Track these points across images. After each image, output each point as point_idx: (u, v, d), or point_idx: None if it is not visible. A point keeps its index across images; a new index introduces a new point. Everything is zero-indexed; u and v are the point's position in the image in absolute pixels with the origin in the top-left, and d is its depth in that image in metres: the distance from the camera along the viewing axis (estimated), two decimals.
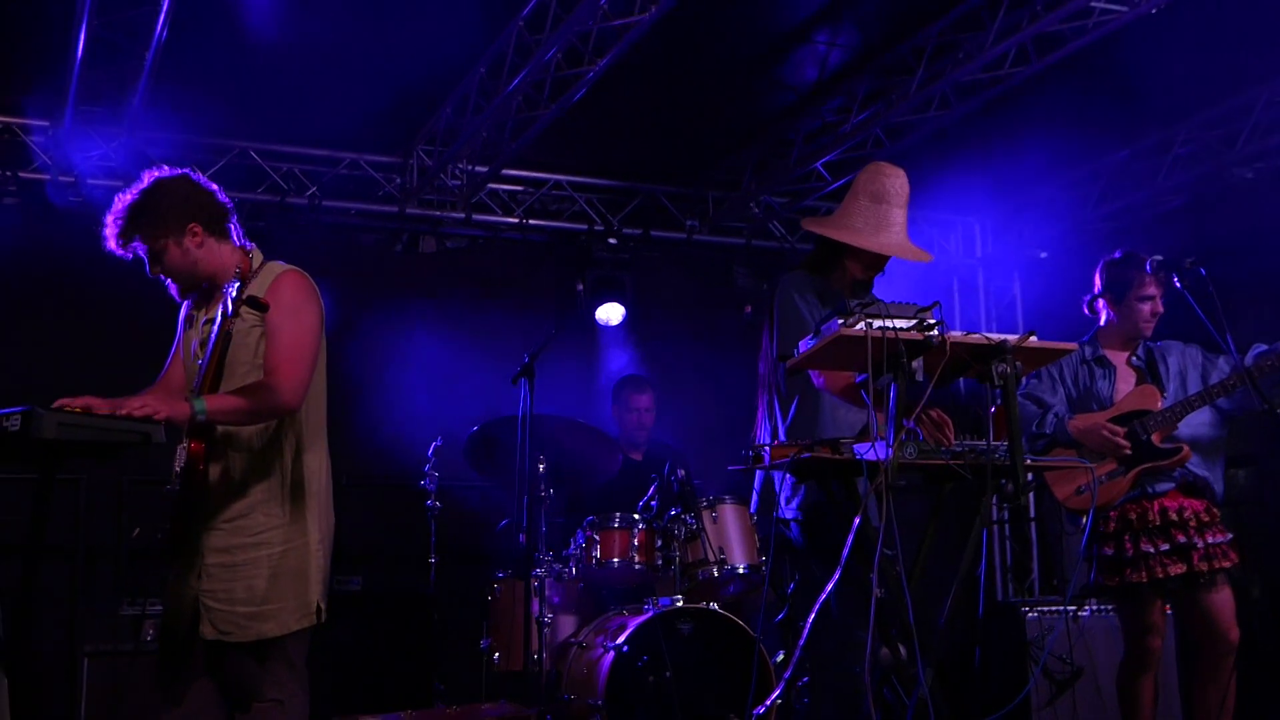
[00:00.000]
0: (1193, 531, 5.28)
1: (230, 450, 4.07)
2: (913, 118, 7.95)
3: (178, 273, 4.17)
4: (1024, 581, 9.91)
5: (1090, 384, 5.52)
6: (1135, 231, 9.18)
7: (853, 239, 4.66)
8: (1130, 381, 5.52)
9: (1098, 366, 5.54)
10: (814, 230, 4.84)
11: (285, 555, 4.07)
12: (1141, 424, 5.34)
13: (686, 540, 6.57)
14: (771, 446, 4.09)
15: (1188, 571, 5.24)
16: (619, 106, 7.84)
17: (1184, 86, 7.93)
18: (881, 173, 4.73)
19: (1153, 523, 5.31)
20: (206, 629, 3.99)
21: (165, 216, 4.10)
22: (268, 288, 4.11)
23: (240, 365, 4.09)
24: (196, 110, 7.82)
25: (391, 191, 8.76)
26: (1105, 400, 5.48)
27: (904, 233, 4.71)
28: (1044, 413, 5.50)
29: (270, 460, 4.11)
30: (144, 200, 4.12)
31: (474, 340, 8.54)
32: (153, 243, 4.11)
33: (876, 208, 4.67)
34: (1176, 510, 5.32)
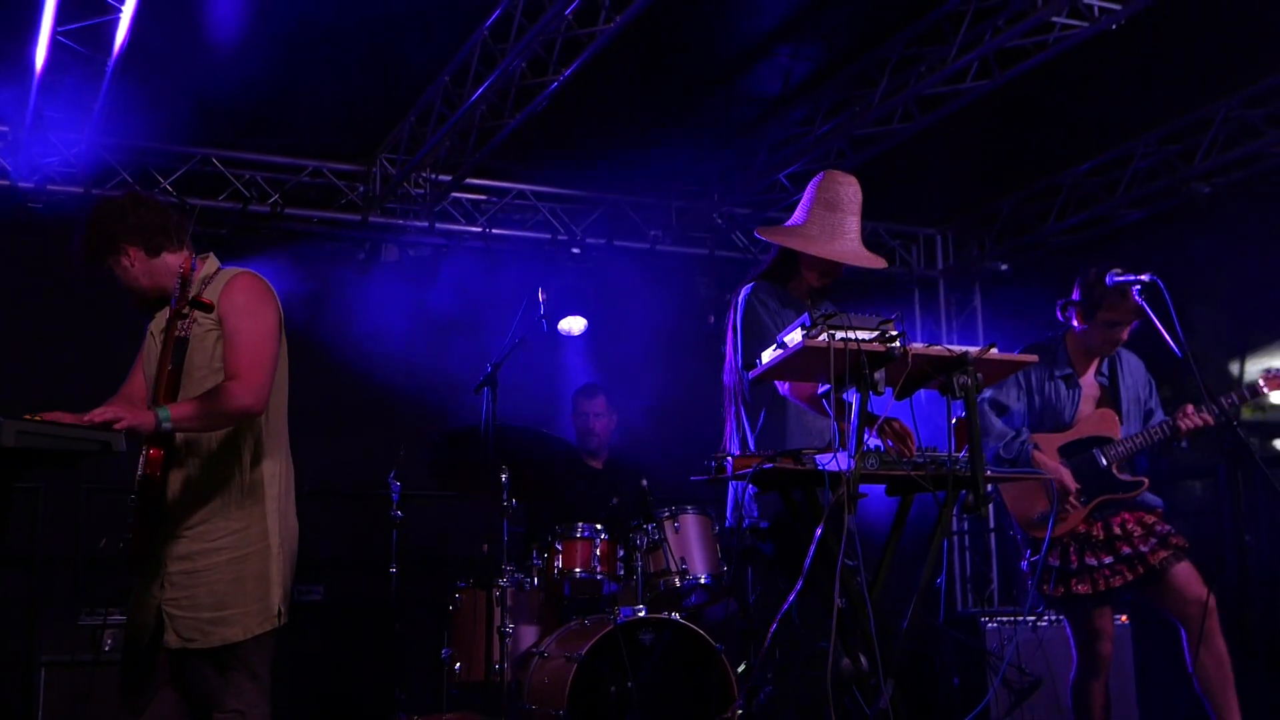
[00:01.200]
0: (1137, 540, 5.33)
1: (189, 457, 4.07)
2: (876, 130, 7.99)
3: (131, 290, 4.23)
4: (984, 592, 9.96)
5: (1055, 400, 5.55)
6: (1095, 245, 9.26)
7: (808, 247, 4.69)
8: (1093, 402, 5.56)
9: (1065, 386, 5.57)
10: (769, 239, 4.87)
11: (245, 560, 4.06)
12: (1102, 452, 5.39)
13: (648, 550, 6.57)
14: (735, 457, 4.10)
15: (1143, 574, 5.29)
16: (583, 116, 7.84)
17: (1143, 101, 8.01)
18: (835, 181, 4.77)
19: (1096, 538, 5.36)
20: (171, 638, 3.98)
21: (101, 240, 4.17)
22: (221, 290, 4.11)
23: (198, 369, 4.08)
24: (158, 117, 7.78)
25: (354, 200, 8.74)
26: (1065, 421, 5.52)
27: (858, 240, 4.75)
28: (1014, 435, 5.52)
29: (229, 465, 4.10)
30: (89, 226, 4.19)
31: (436, 349, 8.52)
32: (102, 264, 4.18)
33: (831, 215, 4.71)
34: (1120, 524, 5.38)
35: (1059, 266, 9.66)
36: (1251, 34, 7.19)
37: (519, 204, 9.24)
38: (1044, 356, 5.63)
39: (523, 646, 6.67)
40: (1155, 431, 5.37)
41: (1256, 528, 7.19)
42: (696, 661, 6.21)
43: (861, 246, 4.77)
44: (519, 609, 6.68)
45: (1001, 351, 4.12)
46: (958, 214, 10.16)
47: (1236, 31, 7.13)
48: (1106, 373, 5.62)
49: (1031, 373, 5.60)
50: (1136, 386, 5.62)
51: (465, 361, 7.72)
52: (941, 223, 10.37)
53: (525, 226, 9.26)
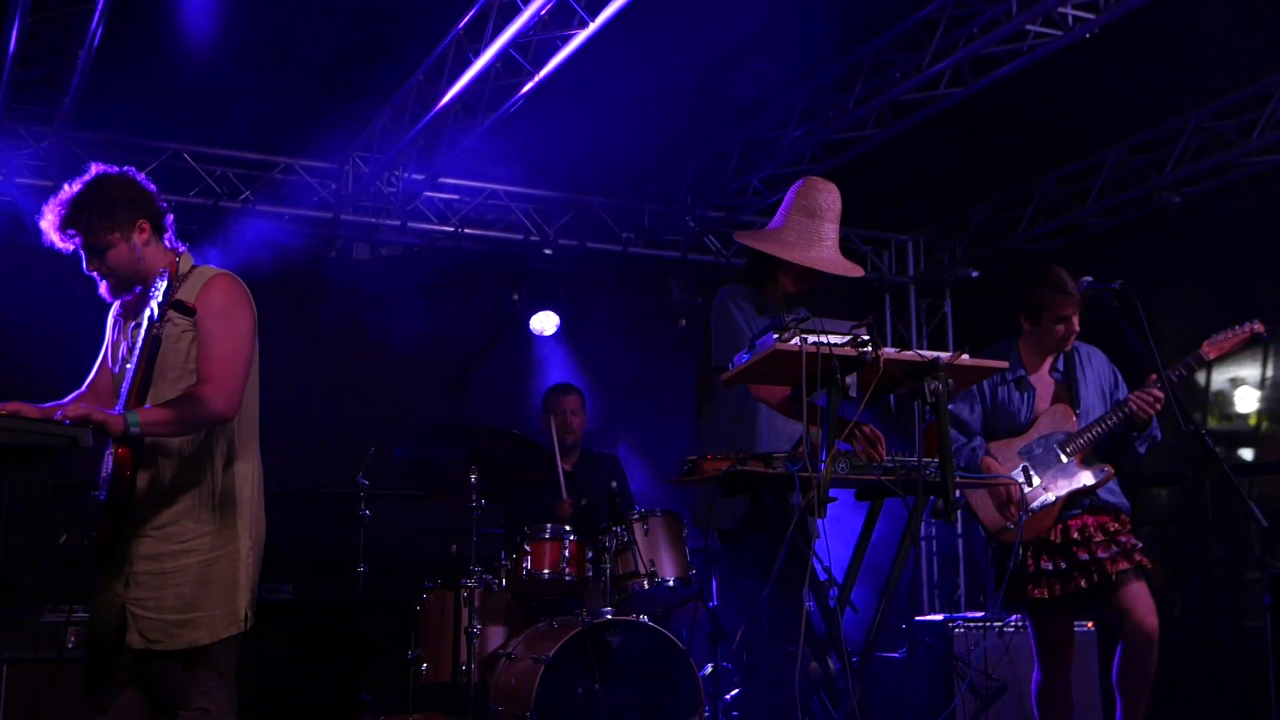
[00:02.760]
0: (1096, 547, 5.34)
1: (159, 457, 4.02)
2: (849, 135, 8.02)
3: (119, 270, 4.11)
4: (951, 597, 10.00)
5: (1008, 404, 5.55)
6: (1065, 253, 9.31)
7: (785, 253, 4.71)
8: (1048, 399, 5.56)
9: (1017, 390, 5.55)
10: (747, 244, 4.89)
11: (214, 563, 4.03)
12: (1063, 447, 5.41)
13: (617, 552, 6.56)
14: (705, 460, 4.10)
15: (1098, 582, 5.31)
16: (556, 118, 7.84)
17: (1115, 111, 8.06)
18: (815, 188, 4.79)
19: (1054, 542, 5.37)
20: (134, 638, 3.94)
21: (117, 211, 4.06)
22: (198, 292, 4.06)
23: (170, 370, 4.04)
24: (129, 111, 7.74)
25: (326, 198, 8.70)
26: (1022, 423, 5.52)
27: (836, 247, 4.77)
28: (965, 444, 5.50)
29: (200, 467, 4.06)
30: (94, 193, 4.07)
31: (408, 348, 8.50)
32: (100, 237, 4.05)
33: (809, 223, 4.72)
34: (1079, 529, 5.38)
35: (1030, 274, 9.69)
36: (1223, 46, 7.25)
37: (492, 204, 9.23)
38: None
39: (490, 647, 6.65)
40: (1110, 417, 5.37)
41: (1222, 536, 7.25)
42: (664, 664, 6.21)
43: (839, 254, 4.79)
44: (487, 610, 6.67)
45: (972, 357, 4.14)
46: (929, 221, 10.21)
47: (1208, 43, 7.18)
48: (1062, 369, 5.62)
49: (985, 381, 5.57)
50: (1099, 378, 5.60)
51: (436, 361, 7.71)
52: (913, 229, 10.41)
53: (498, 227, 9.24)
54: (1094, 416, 5.46)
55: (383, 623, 7.44)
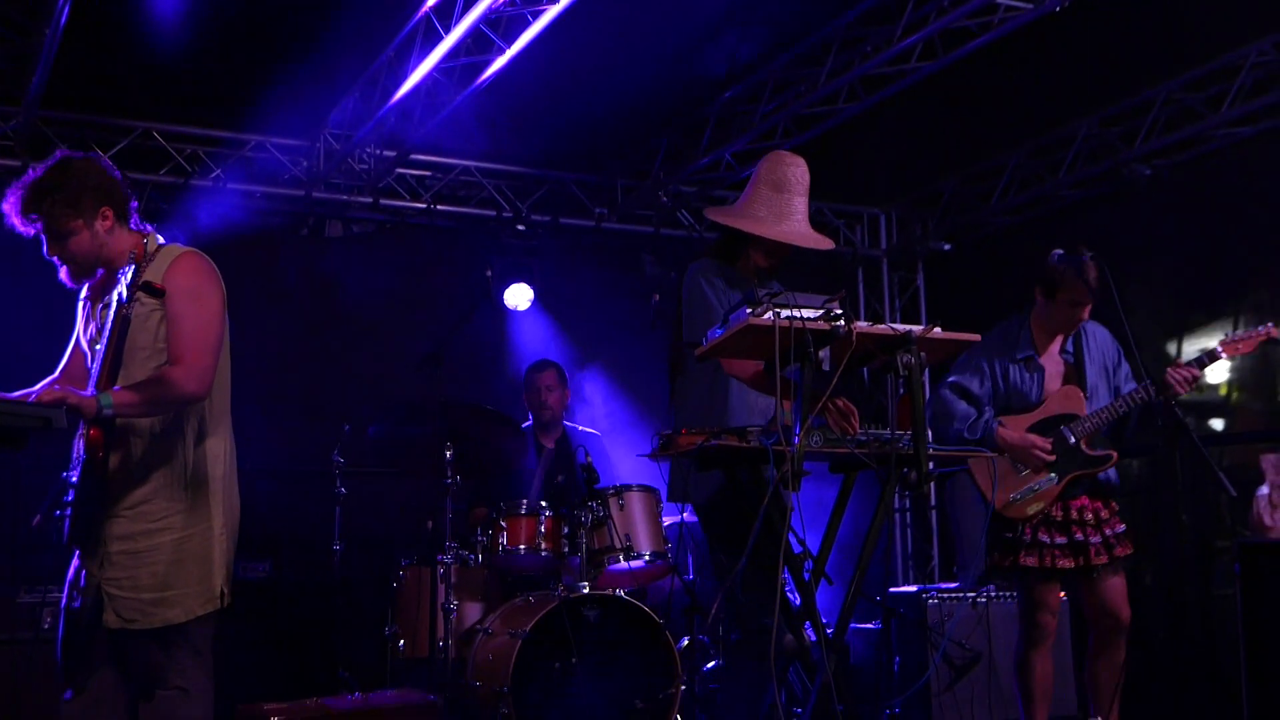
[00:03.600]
0: (1090, 529, 5.41)
1: (130, 436, 4.03)
2: (821, 109, 8.02)
3: (80, 256, 4.10)
4: (925, 569, 10.06)
5: (1019, 384, 5.60)
6: (1036, 226, 9.36)
7: (755, 228, 4.72)
8: (1058, 379, 5.61)
9: (1028, 370, 5.60)
10: (717, 220, 4.90)
11: (187, 541, 4.05)
12: (1070, 429, 5.45)
13: (593, 527, 6.58)
14: (680, 434, 4.12)
15: (1083, 565, 5.38)
16: (528, 93, 7.81)
17: (1085, 84, 8.08)
18: (782, 162, 4.80)
19: (1054, 518, 5.43)
20: (110, 617, 3.95)
21: (80, 196, 4.04)
22: (165, 271, 4.05)
23: (140, 350, 4.04)
24: (98, 90, 7.69)
25: (298, 175, 8.66)
26: (1031, 402, 5.57)
27: (806, 220, 4.78)
28: (977, 416, 5.55)
29: (171, 446, 4.07)
30: (57, 177, 4.04)
31: (381, 326, 8.49)
32: (62, 223, 4.03)
33: (778, 196, 4.74)
34: (1078, 509, 5.45)
35: (1001, 247, 9.75)
36: (1192, 18, 7.28)
37: (464, 180, 9.20)
38: (1005, 340, 5.67)
39: (467, 623, 6.67)
40: (1120, 404, 5.42)
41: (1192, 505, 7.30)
42: (640, 638, 6.24)
43: (809, 227, 4.80)
44: (463, 586, 6.69)
45: (944, 331, 4.16)
46: (901, 194, 10.23)
47: (1177, 16, 7.21)
48: (1071, 349, 5.67)
49: (995, 359, 5.62)
50: (1104, 359, 5.65)
51: (410, 338, 7.71)
52: (885, 202, 10.43)
53: (470, 203, 9.22)
54: (1098, 397, 5.53)
55: (359, 600, 7.45)
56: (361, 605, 7.44)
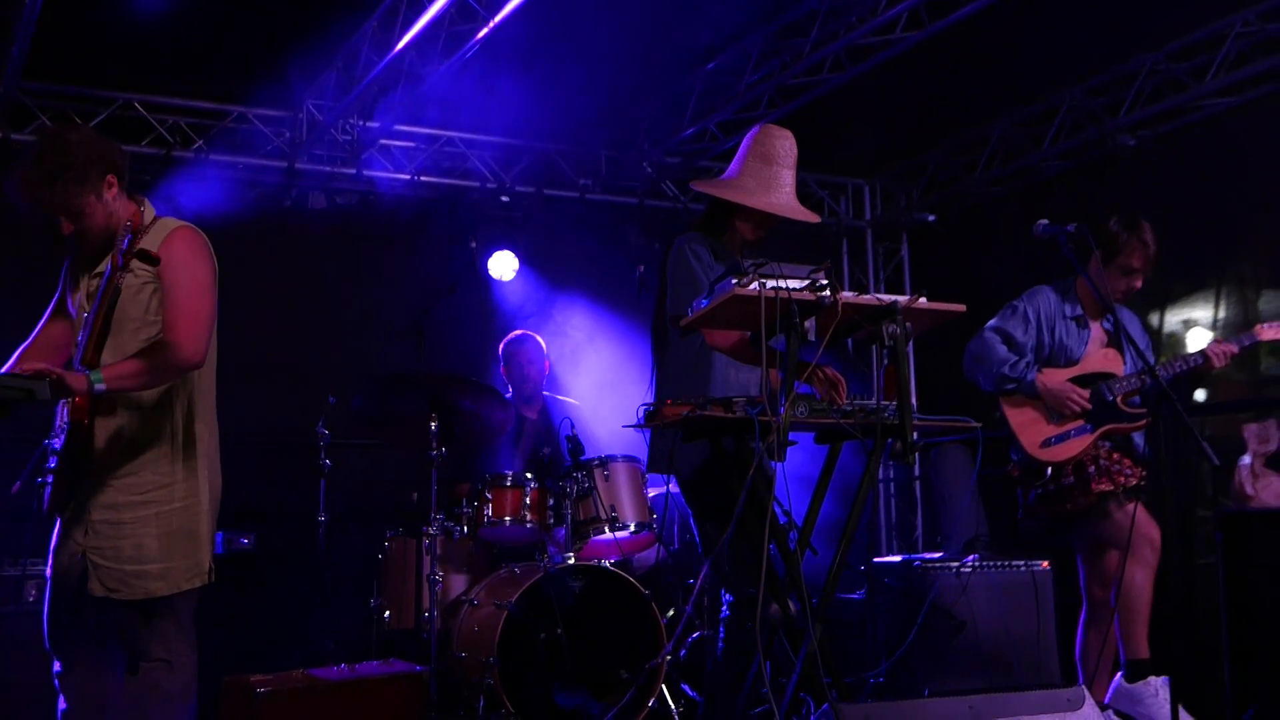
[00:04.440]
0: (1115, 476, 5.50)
1: (119, 408, 4.03)
2: (806, 79, 8.00)
3: (94, 231, 4.08)
4: (909, 538, 10.10)
5: (1065, 338, 5.72)
6: (1021, 196, 9.36)
7: (744, 199, 4.72)
8: (1100, 343, 5.74)
9: (1078, 326, 5.73)
10: (704, 191, 4.90)
11: (175, 514, 4.06)
12: (1108, 386, 5.53)
13: (578, 498, 6.59)
14: (666, 405, 4.12)
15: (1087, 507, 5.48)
16: (512, 64, 7.78)
17: (1070, 54, 8.07)
18: (771, 134, 4.80)
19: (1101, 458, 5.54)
20: (94, 585, 3.97)
21: (86, 171, 4.01)
22: (160, 243, 4.05)
23: (130, 321, 4.04)
24: (79, 61, 7.63)
25: (280, 146, 8.61)
26: (1073, 358, 5.70)
27: (793, 193, 4.79)
28: (1019, 359, 5.67)
29: (161, 419, 4.08)
30: (62, 157, 3.99)
31: (366, 297, 8.46)
32: (76, 202, 4.00)
33: (766, 169, 4.74)
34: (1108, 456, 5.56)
35: (985, 217, 9.75)
36: None
37: (448, 151, 9.16)
38: (1057, 295, 5.80)
39: (452, 594, 6.68)
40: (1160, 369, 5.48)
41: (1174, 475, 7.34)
42: (625, 608, 6.26)
43: (796, 200, 4.80)
44: (448, 557, 6.70)
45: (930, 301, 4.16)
46: (886, 165, 10.22)
47: None
48: (1111, 321, 5.75)
49: (1042, 309, 5.75)
50: (1135, 335, 5.75)
51: (394, 309, 7.68)
52: (870, 173, 10.43)
53: (454, 174, 9.18)
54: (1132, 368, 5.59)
55: (344, 572, 7.44)
56: (347, 577, 7.43)
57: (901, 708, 3.96)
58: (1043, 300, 5.76)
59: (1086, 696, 4.18)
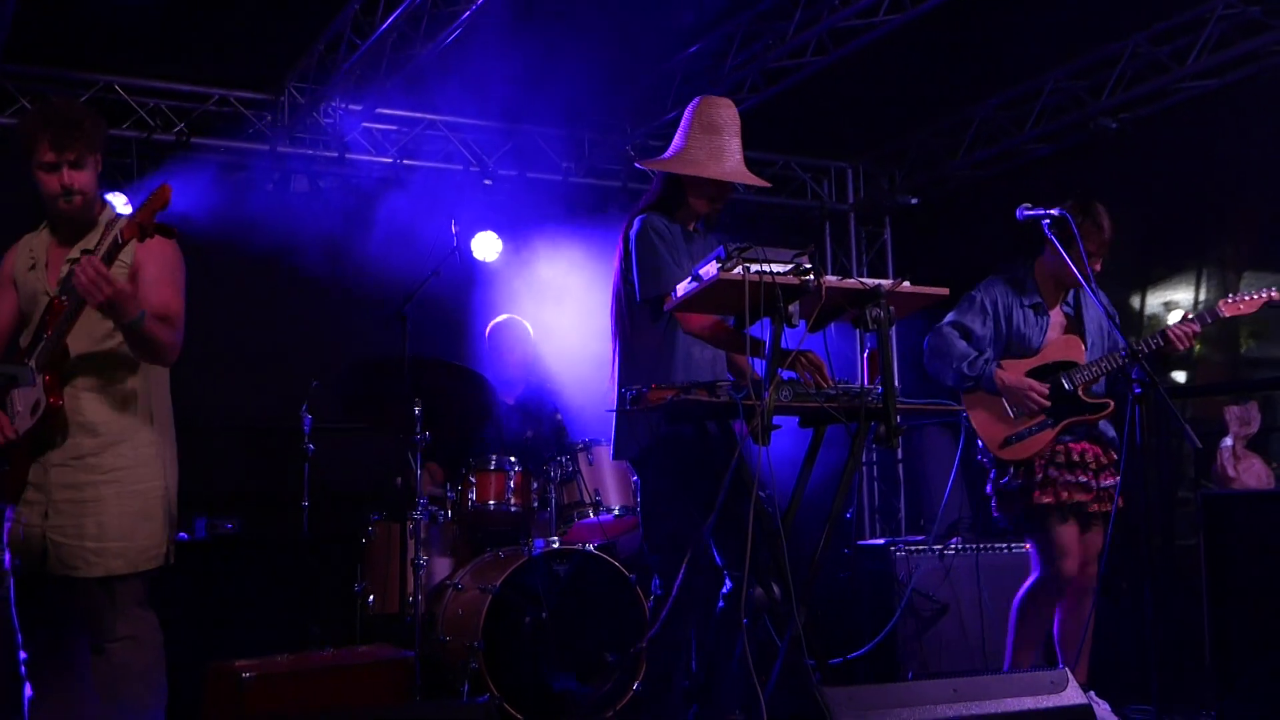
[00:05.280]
0: (1091, 474, 5.47)
1: (84, 391, 4.10)
2: (788, 63, 7.99)
3: (88, 192, 4.15)
4: (891, 522, 10.13)
5: (1023, 327, 5.64)
6: (1004, 179, 9.37)
7: (695, 170, 4.68)
8: (1059, 329, 5.66)
9: (1035, 314, 5.65)
10: (653, 168, 4.86)
11: (138, 496, 4.12)
12: (1068, 376, 5.49)
13: (562, 482, 6.60)
14: (649, 389, 4.12)
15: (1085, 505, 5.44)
16: (495, 47, 7.76)
17: (1052, 37, 8.08)
18: (712, 104, 4.77)
19: (1058, 458, 5.48)
20: (54, 565, 4.02)
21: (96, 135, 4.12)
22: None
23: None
24: (60, 43, 7.59)
25: (262, 129, 8.58)
26: (1033, 347, 5.61)
27: (741, 160, 4.75)
28: (978, 355, 5.58)
29: (127, 404, 4.15)
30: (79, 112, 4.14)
31: (349, 280, 8.43)
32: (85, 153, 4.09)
33: (713, 139, 4.71)
34: (1080, 453, 5.51)
35: (968, 200, 9.77)
36: None
37: (430, 134, 9.14)
38: (1012, 284, 5.71)
39: (437, 579, 6.69)
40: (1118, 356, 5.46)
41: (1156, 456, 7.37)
42: (610, 592, 6.27)
43: (744, 167, 4.77)
44: (433, 541, 6.70)
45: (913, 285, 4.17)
46: (869, 148, 10.22)
47: None
48: (1071, 303, 5.72)
49: (999, 299, 5.67)
50: (1100, 317, 5.69)
51: (378, 293, 7.66)
52: (852, 156, 10.42)
53: (437, 157, 9.16)
54: (1095, 352, 5.57)
55: (329, 556, 7.44)
56: (331, 562, 7.44)
57: (885, 690, 3.98)
58: (999, 289, 5.68)
59: (1070, 678, 4.21)
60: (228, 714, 5.08)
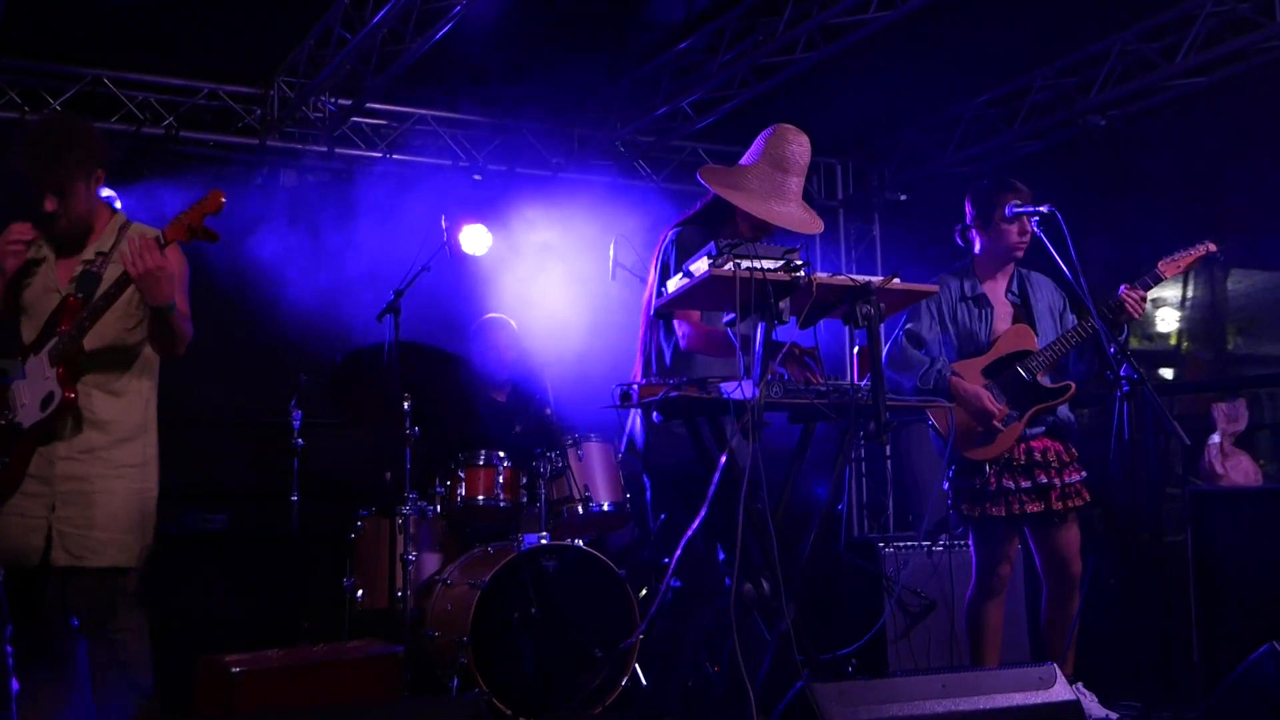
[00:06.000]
0: (1053, 472, 5.45)
1: (94, 388, 4.18)
2: (779, 59, 7.99)
3: (75, 216, 4.19)
4: (879, 518, 10.14)
5: (968, 323, 5.60)
6: (991, 176, 9.35)
7: (746, 204, 4.68)
8: (1007, 319, 5.62)
9: (975, 306, 5.61)
10: (711, 184, 4.80)
11: (139, 494, 4.24)
12: (1024, 366, 5.47)
13: (552, 478, 6.60)
14: (641, 385, 4.13)
15: (1045, 510, 5.41)
16: (486, 42, 7.75)
17: (1041, 35, 8.09)
18: (786, 139, 4.76)
19: (1018, 461, 5.45)
20: (59, 555, 4.07)
21: (86, 157, 4.15)
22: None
23: (116, 308, 4.19)
24: (48, 36, 7.57)
25: (251, 123, 8.58)
26: (983, 342, 5.56)
27: (799, 200, 4.75)
28: (930, 364, 5.52)
29: (134, 404, 4.27)
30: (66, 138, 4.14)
31: (338, 276, 8.42)
32: (70, 182, 4.12)
33: (775, 174, 4.70)
34: (1041, 451, 5.48)
35: (957, 197, 9.74)
36: None
37: (420, 129, 9.13)
38: (956, 279, 5.68)
39: (426, 574, 6.68)
40: (1073, 335, 5.45)
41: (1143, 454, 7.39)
42: (599, 588, 6.27)
43: (800, 208, 4.75)
44: (422, 537, 6.69)
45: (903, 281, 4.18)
46: (858, 144, 10.22)
47: None
48: (1017, 291, 5.68)
49: (943, 301, 5.62)
50: (1049, 298, 5.66)
51: (367, 289, 7.65)
52: (842, 153, 10.43)
53: (426, 152, 9.15)
54: (1047, 336, 5.53)
55: (317, 551, 7.44)
56: (320, 557, 7.43)
57: (875, 686, 3.99)
58: (943, 291, 5.63)
59: (1057, 674, 4.22)
60: (218, 709, 5.07)
